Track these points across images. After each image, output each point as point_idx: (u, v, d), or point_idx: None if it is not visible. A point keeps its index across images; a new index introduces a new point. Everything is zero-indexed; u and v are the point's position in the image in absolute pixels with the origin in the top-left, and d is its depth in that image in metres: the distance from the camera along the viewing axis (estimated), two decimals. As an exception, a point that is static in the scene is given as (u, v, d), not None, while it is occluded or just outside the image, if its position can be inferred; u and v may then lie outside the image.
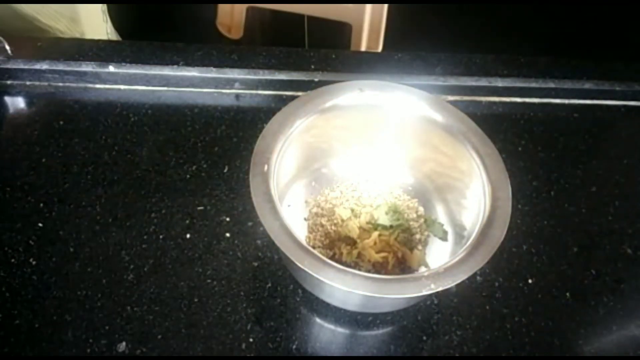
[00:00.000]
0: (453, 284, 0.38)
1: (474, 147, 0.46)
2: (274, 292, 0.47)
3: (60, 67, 0.60)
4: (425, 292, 0.38)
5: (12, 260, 0.47)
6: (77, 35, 0.80)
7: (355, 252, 0.46)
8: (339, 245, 0.47)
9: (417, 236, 0.50)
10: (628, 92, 0.65)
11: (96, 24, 0.85)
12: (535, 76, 0.65)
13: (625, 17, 1.46)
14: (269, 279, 0.48)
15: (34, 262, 0.47)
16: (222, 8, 1.37)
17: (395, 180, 0.53)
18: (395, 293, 0.38)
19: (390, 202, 0.51)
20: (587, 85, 0.65)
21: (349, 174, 0.53)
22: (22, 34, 0.75)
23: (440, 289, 0.38)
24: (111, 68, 0.60)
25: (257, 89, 0.62)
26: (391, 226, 0.48)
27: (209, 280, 0.47)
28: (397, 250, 0.47)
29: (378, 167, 0.53)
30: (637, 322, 0.48)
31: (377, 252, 0.46)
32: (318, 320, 0.46)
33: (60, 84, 0.61)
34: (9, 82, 0.60)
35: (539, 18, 1.48)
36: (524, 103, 0.65)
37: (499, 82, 0.64)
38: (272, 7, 1.32)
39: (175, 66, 0.61)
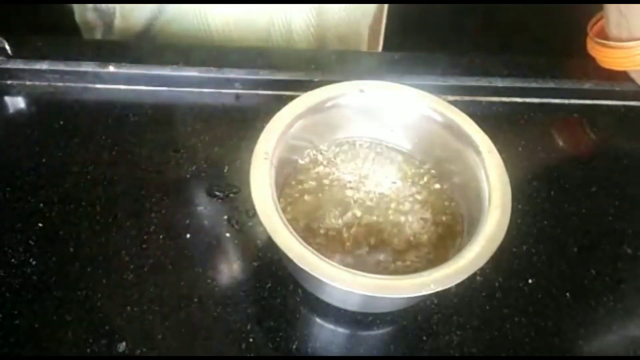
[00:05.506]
0: (453, 284, 0.38)
1: (474, 147, 0.46)
2: (274, 292, 0.47)
3: (60, 67, 0.60)
4: (425, 292, 0.38)
5: (12, 260, 0.47)
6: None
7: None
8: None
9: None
10: (628, 92, 0.65)
11: None
12: (535, 76, 0.65)
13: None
14: (269, 279, 0.48)
15: (34, 262, 0.47)
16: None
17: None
18: (395, 293, 0.38)
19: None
20: (587, 85, 0.65)
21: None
22: None
23: (440, 289, 0.38)
24: (111, 68, 0.60)
25: (257, 89, 0.62)
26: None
27: (209, 280, 0.47)
28: (397, 250, 0.47)
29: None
30: (637, 322, 0.48)
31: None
32: (318, 320, 0.46)
33: (60, 84, 0.61)
34: (9, 82, 0.60)
35: (539, 18, 1.48)
36: (524, 103, 0.65)
37: (499, 82, 0.64)
38: (272, 7, 1.32)
39: (175, 66, 0.61)
